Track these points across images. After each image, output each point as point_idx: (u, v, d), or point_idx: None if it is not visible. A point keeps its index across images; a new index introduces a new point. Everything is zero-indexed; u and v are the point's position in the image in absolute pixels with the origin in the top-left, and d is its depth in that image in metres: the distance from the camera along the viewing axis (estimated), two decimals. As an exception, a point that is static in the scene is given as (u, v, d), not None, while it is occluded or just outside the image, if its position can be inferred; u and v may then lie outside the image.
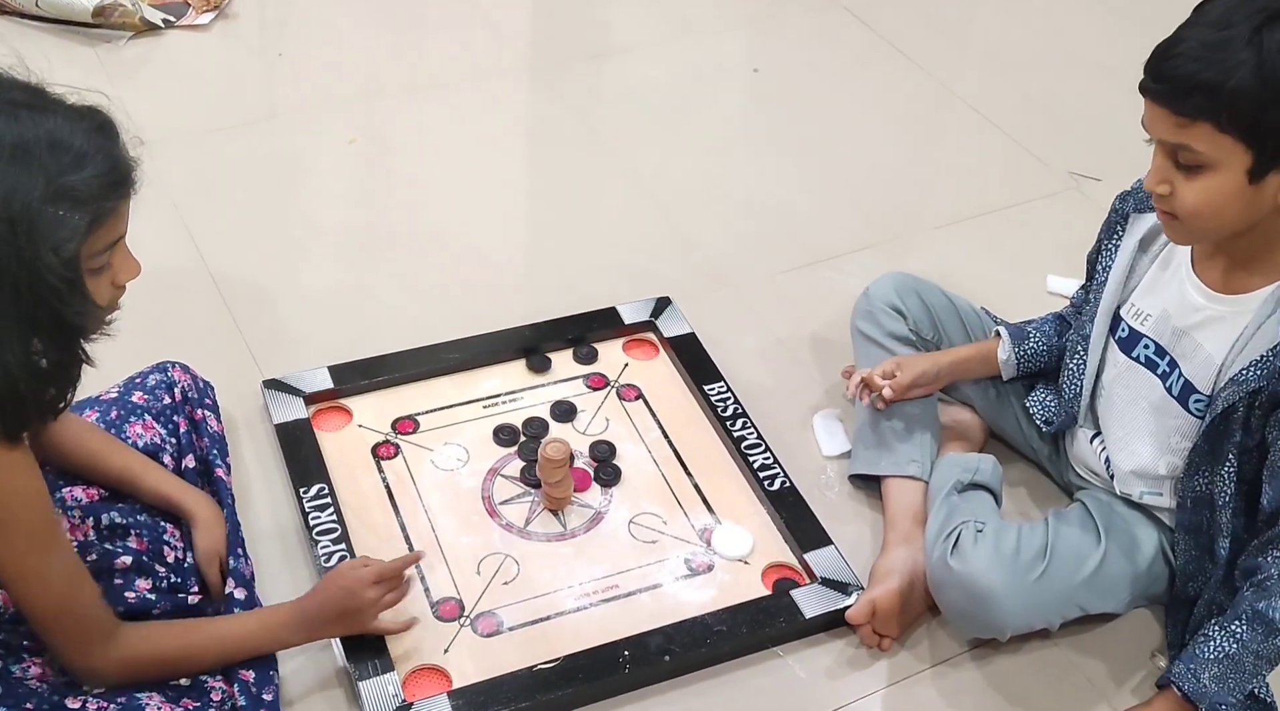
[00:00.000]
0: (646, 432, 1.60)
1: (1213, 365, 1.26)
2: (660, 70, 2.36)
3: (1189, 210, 1.17)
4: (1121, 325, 1.36)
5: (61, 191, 0.95)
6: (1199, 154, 1.14)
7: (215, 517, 1.34)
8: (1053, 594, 1.32)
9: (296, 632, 1.25)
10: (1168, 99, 1.13)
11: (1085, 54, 2.46)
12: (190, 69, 2.24)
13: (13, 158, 0.94)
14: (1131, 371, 1.35)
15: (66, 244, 0.96)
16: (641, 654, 1.33)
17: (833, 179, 2.12)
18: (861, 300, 1.62)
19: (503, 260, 1.92)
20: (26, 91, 0.99)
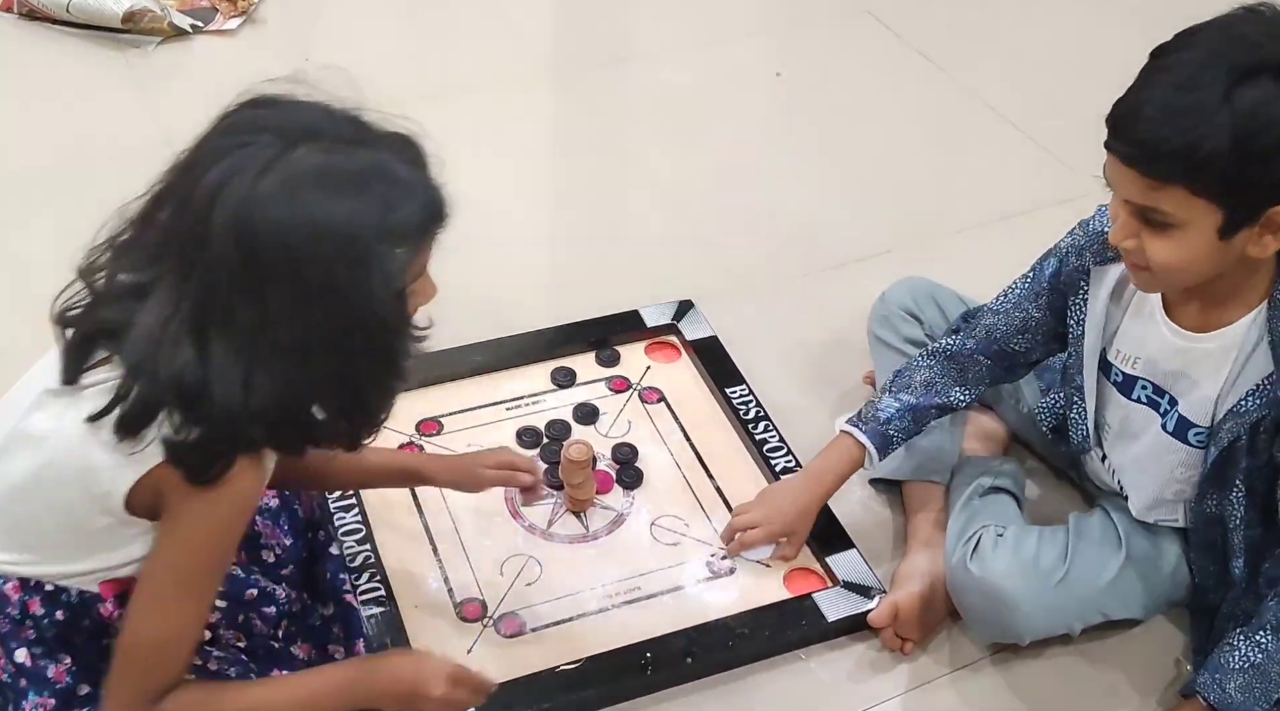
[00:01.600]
0: (669, 435, 1.61)
1: (1208, 399, 1.24)
2: (683, 75, 2.37)
3: (1160, 266, 1.15)
4: (1114, 371, 1.33)
5: (393, 228, 0.96)
6: (1169, 215, 1.11)
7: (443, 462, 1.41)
8: (1073, 599, 1.32)
9: (341, 696, 1.13)
10: (1138, 162, 1.10)
11: (1109, 57, 2.42)
12: (218, 74, 2.27)
13: (351, 195, 0.95)
14: (1135, 411, 1.33)
15: (397, 278, 0.98)
16: (664, 655, 1.33)
17: (855, 183, 2.12)
18: (877, 305, 1.62)
19: (526, 263, 1.93)
20: (352, 125, 1.00)
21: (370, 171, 0.97)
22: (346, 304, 0.95)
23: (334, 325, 0.96)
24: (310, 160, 0.94)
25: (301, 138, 0.96)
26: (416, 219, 0.99)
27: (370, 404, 1.04)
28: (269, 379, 0.95)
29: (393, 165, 0.99)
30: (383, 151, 0.99)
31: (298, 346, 0.95)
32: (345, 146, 0.97)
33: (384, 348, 1.01)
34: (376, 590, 1.36)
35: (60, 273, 1.03)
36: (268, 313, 0.94)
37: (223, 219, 0.92)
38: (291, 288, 0.94)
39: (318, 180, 0.94)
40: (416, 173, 1.02)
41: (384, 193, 0.97)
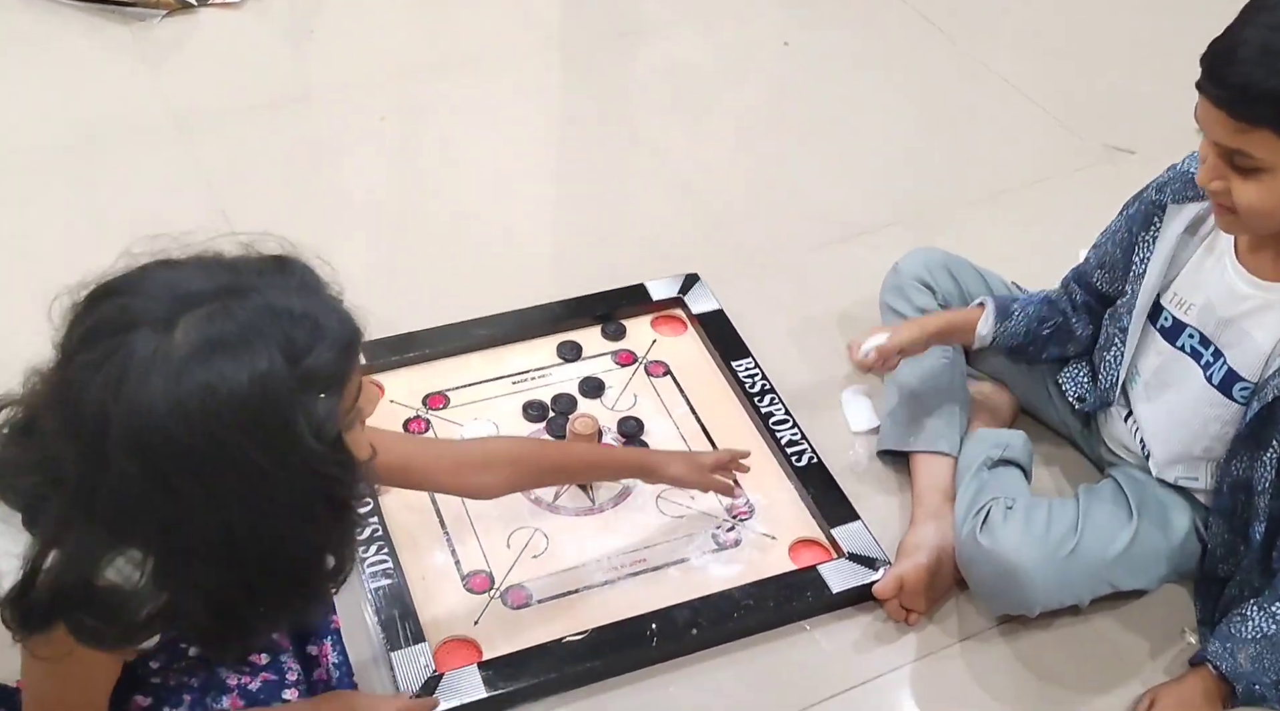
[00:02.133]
0: (674, 408, 1.61)
1: (1261, 353, 1.24)
2: (691, 48, 2.35)
3: (1247, 209, 1.15)
4: (1164, 315, 1.33)
5: (306, 376, 0.84)
6: (1257, 159, 1.11)
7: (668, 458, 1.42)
8: (1083, 571, 1.32)
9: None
10: (1227, 104, 1.10)
11: (1119, 25, 2.43)
12: (223, 47, 2.26)
13: (247, 358, 0.82)
14: (1175, 360, 1.33)
15: (327, 426, 0.85)
16: (669, 627, 1.34)
17: (863, 155, 2.11)
18: (891, 275, 1.62)
19: (533, 237, 1.93)
20: (220, 272, 0.87)
21: (259, 322, 0.84)
22: (275, 480, 0.84)
23: (268, 507, 0.85)
24: (190, 339, 0.82)
25: (175, 313, 0.83)
26: (330, 355, 0.86)
27: (340, 562, 0.94)
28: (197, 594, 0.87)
29: (283, 302, 0.86)
30: (268, 291, 0.86)
31: (229, 544, 0.85)
32: (224, 303, 0.84)
33: (332, 503, 0.90)
34: (384, 563, 1.37)
35: (67, 250, 1.02)
36: (194, 520, 0.84)
37: (118, 439, 0.81)
38: (217, 483, 0.83)
39: (207, 354, 0.82)
40: (310, 299, 0.88)
41: (282, 337, 0.84)
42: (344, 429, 0.89)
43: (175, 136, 2.02)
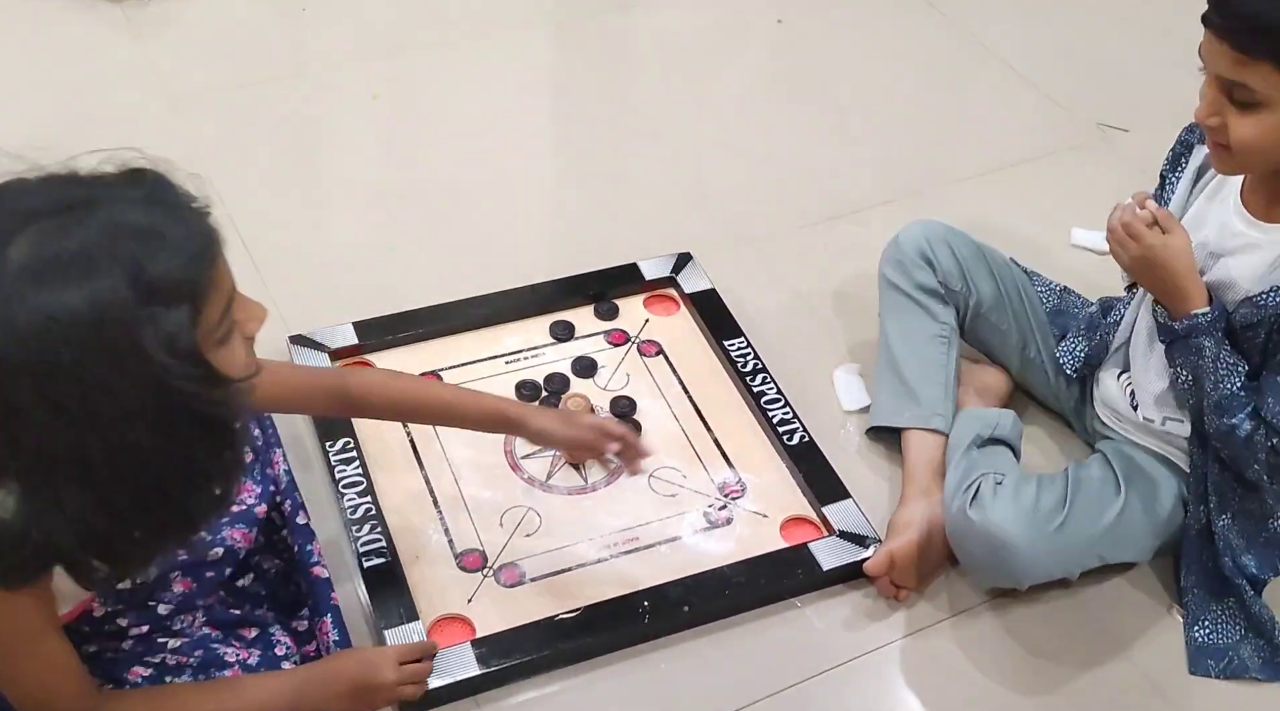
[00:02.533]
0: (667, 388, 1.61)
1: (1232, 286, 1.27)
2: (685, 23, 2.34)
3: (1240, 144, 1.17)
4: None
5: (150, 289, 0.82)
6: (1255, 92, 1.13)
7: (534, 410, 1.39)
8: (1072, 543, 1.33)
9: (299, 697, 1.14)
10: (1230, 35, 1.12)
11: (1115, 2, 2.42)
12: (215, 26, 2.25)
13: (83, 276, 0.81)
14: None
15: (179, 338, 0.83)
16: (661, 604, 1.35)
17: (856, 131, 2.11)
18: (891, 247, 1.60)
19: (526, 215, 1.93)
20: (64, 188, 0.86)
21: (98, 238, 0.82)
22: (123, 398, 0.82)
23: (121, 428, 0.83)
24: (21, 256, 0.81)
25: (12, 231, 0.82)
26: (177, 266, 0.84)
27: (210, 490, 0.92)
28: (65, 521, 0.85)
29: (125, 216, 0.84)
30: (110, 205, 0.84)
31: (88, 466, 0.83)
32: (60, 221, 0.82)
33: (195, 419, 0.86)
34: (377, 542, 1.38)
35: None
36: (48, 443, 0.82)
37: None
38: (64, 403, 0.81)
39: (37, 275, 0.80)
40: (158, 212, 0.86)
41: (125, 253, 0.82)
42: (209, 343, 0.87)
43: (167, 112, 2.02)
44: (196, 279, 0.86)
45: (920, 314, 1.55)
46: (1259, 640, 1.34)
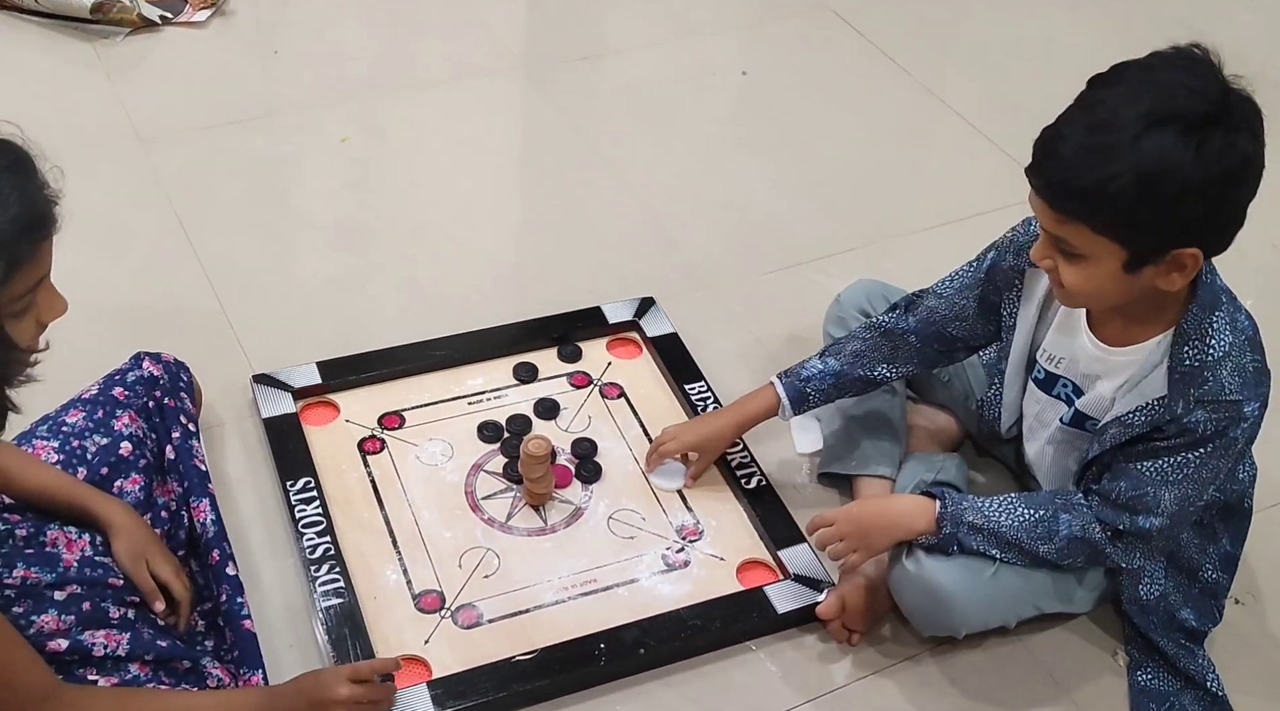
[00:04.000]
0: (628, 430, 1.64)
1: (1104, 400, 1.31)
2: (651, 71, 2.39)
3: (1070, 289, 1.21)
4: (1037, 368, 1.40)
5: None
6: (1075, 247, 1.17)
7: (131, 521, 1.31)
8: (1006, 593, 1.36)
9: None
10: (1045, 196, 1.16)
11: (1071, 59, 2.48)
12: (187, 66, 2.27)
13: None
14: (1051, 406, 1.40)
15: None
16: (617, 646, 1.37)
17: (817, 182, 2.16)
18: (833, 306, 1.66)
19: (491, 258, 1.95)
20: None
21: None
22: None
23: None
24: None
25: None
26: (7, 228, 0.90)
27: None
28: None
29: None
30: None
31: None
32: None
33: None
34: (336, 582, 1.39)
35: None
36: None
37: None
38: None
39: None
40: (10, 178, 0.93)
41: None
42: (5, 311, 0.93)
43: (137, 151, 2.03)
44: (18, 247, 0.92)
45: None
46: (1198, 690, 1.37)
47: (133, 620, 1.26)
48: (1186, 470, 1.25)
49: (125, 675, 1.21)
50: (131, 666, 1.21)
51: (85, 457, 1.35)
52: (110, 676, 1.20)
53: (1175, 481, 1.26)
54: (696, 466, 1.54)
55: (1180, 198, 1.10)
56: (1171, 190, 1.09)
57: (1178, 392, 1.23)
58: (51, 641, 1.18)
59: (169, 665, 1.24)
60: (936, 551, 1.33)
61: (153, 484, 1.39)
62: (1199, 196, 1.10)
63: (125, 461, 1.37)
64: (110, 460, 1.36)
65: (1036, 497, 1.34)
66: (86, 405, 1.40)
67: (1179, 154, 1.08)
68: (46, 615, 1.19)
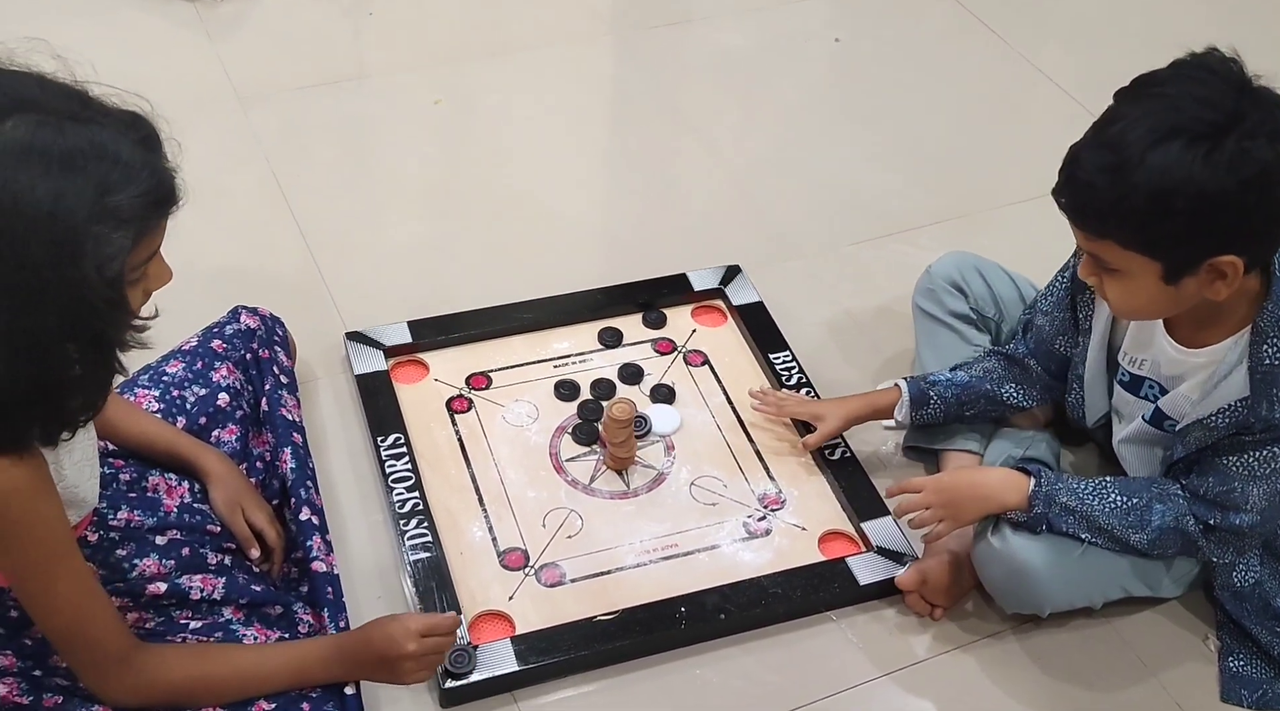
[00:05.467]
0: (711, 397, 1.64)
1: (1186, 400, 1.29)
2: (741, 38, 2.37)
3: (1114, 304, 1.22)
4: (1120, 371, 1.38)
5: (107, 211, 0.92)
6: (1111, 262, 1.17)
7: (227, 470, 1.34)
8: (1093, 574, 1.34)
9: (328, 669, 1.21)
10: (1071, 216, 1.17)
11: (1173, 30, 2.39)
12: (284, 27, 2.31)
13: (60, 174, 0.91)
14: (1139, 406, 1.37)
15: (111, 263, 0.93)
16: (698, 611, 1.38)
17: (909, 152, 2.12)
18: (924, 278, 1.64)
19: (578, 223, 1.96)
20: (72, 99, 0.96)
21: (86, 149, 0.92)
22: (56, 285, 0.91)
23: (40, 307, 0.91)
24: (17, 134, 0.91)
25: (12, 109, 0.92)
26: (138, 203, 0.94)
27: (75, 396, 0.99)
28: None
29: (115, 144, 0.94)
30: (106, 129, 0.94)
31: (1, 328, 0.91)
32: (60, 121, 0.92)
33: (94, 337, 0.96)
34: (424, 536, 1.42)
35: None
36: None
37: None
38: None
39: (23, 155, 0.90)
40: (143, 153, 0.96)
41: (101, 173, 0.92)
42: (128, 278, 0.97)
43: (236, 110, 2.07)
44: (145, 220, 0.97)
45: (954, 337, 1.58)
46: None
47: (228, 566, 1.30)
48: (1274, 464, 1.23)
49: (219, 617, 1.25)
50: (225, 610, 1.26)
51: (185, 407, 1.40)
52: (204, 618, 1.25)
53: (1263, 476, 1.24)
54: (814, 436, 1.52)
55: (1197, 210, 1.09)
56: (1186, 203, 1.09)
57: (1260, 393, 1.21)
58: (151, 585, 1.23)
59: (261, 609, 1.28)
60: (1024, 529, 1.32)
61: (249, 434, 1.43)
62: (1218, 207, 1.09)
63: (222, 412, 1.41)
64: (209, 410, 1.41)
65: (1132, 484, 1.32)
66: (186, 356, 1.45)
67: (1187, 167, 1.08)
68: (148, 558, 1.23)
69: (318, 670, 1.21)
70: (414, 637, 1.20)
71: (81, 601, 1.08)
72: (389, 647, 1.20)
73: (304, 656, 1.21)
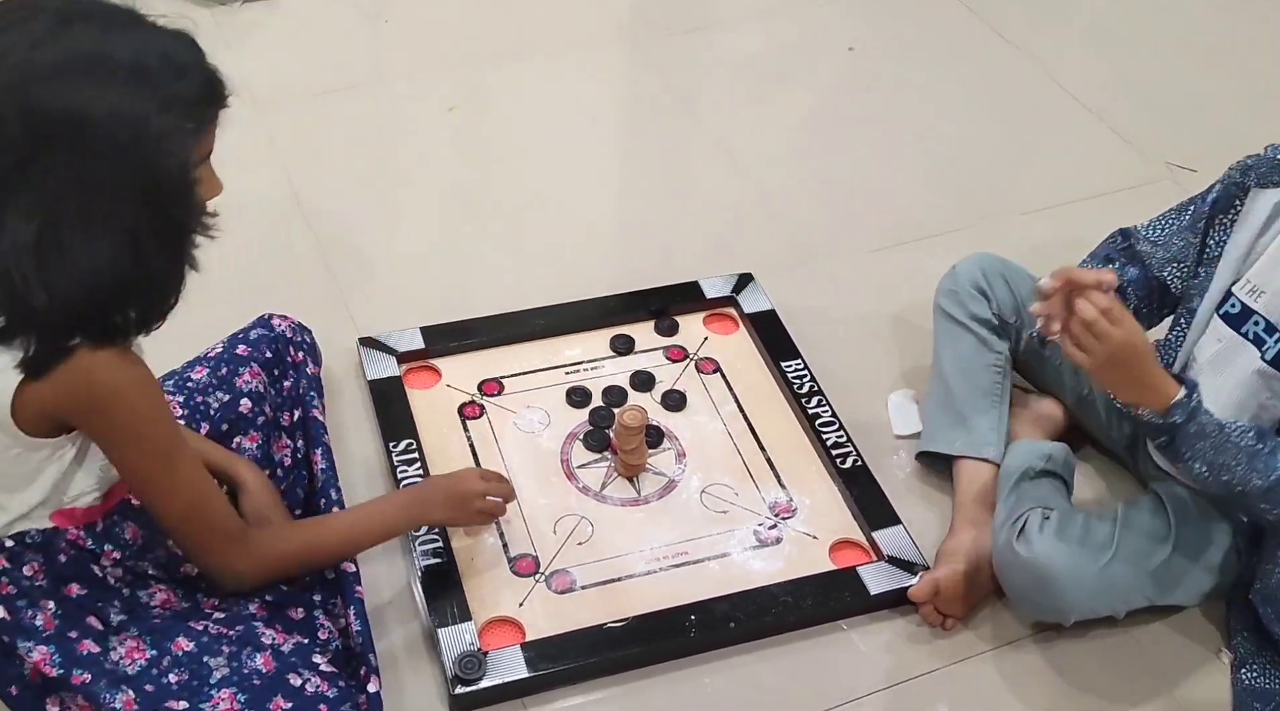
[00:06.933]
0: (722, 405, 1.64)
1: None
2: (757, 44, 2.37)
3: None
4: (1232, 300, 1.32)
5: (173, 100, 1.00)
6: None
7: (260, 482, 1.36)
8: (1118, 583, 1.33)
9: (408, 512, 1.35)
10: None
11: (1189, 40, 2.40)
12: (300, 32, 2.32)
13: (129, 72, 0.99)
14: (1235, 346, 1.32)
15: (181, 150, 1.01)
16: (708, 618, 1.37)
17: (923, 160, 2.12)
18: (946, 279, 1.62)
19: (592, 228, 1.96)
20: (129, 14, 1.05)
21: (147, 50, 1.00)
22: (131, 174, 0.98)
23: (120, 197, 0.99)
24: (87, 37, 0.99)
25: (77, 18, 1.00)
26: (198, 92, 1.03)
27: (161, 285, 1.06)
28: (63, 256, 0.98)
29: (171, 47, 1.03)
30: (162, 37, 1.03)
31: (87, 220, 0.98)
32: (121, 28, 1.01)
33: (172, 223, 1.03)
34: (435, 542, 1.42)
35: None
36: (54, 185, 0.97)
37: (2, 87, 0.96)
38: (75, 158, 0.97)
39: (95, 58, 0.98)
40: (195, 55, 1.05)
41: (162, 70, 1.00)
42: (194, 174, 1.03)
43: (252, 114, 2.08)
44: (204, 114, 1.04)
45: (975, 343, 1.56)
46: None
47: None
48: None
49: (243, 610, 1.25)
50: (250, 605, 1.26)
51: (208, 413, 1.40)
52: (228, 609, 1.25)
53: None
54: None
55: None
56: None
57: None
58: (185, 565, 1.25)
59: (284, 611, 1.29)
60: (1152, 434, 1.26)
61: (270, 440, 1.44)
62: None
63: (244, 418, 1.42)
64: (231, 417, 1.41)
65: (1265, 430, 1.26)
66: (210, 362, 1.45)
67: None
68: None
69: (400, 517, 1.35)
70: (478, 478, 1.39)
71: (201, 484, 1.17)
72: (460, 486, 1.37)
73: (386, 509, 1.36)
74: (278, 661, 1.20)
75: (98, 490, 1.17)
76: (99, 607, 1.18)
